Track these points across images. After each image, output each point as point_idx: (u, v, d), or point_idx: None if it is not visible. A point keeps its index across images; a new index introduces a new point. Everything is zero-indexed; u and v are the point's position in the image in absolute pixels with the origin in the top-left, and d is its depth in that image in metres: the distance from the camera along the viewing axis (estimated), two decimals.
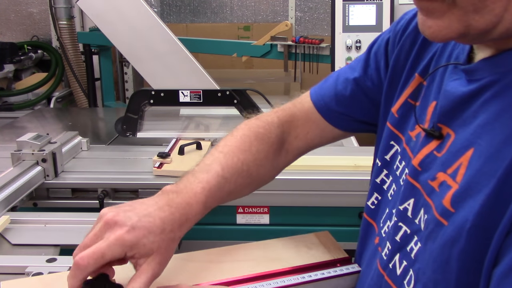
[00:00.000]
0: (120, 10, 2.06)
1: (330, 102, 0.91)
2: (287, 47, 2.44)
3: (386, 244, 0.74)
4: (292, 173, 1.57)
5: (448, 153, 0.63)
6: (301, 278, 0.82)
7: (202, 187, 0.76)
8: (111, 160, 1.74)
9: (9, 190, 1.32)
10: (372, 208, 0.83)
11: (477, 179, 0.57)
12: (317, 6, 4.08)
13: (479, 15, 0.54)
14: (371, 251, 0.81)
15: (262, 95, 1.80)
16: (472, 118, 0.61)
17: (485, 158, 0.57)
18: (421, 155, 0.69)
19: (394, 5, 2.14)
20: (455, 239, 0.58)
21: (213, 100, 1.81)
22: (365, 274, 0.81)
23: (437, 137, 0.66)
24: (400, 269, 0.69)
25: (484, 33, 0.56)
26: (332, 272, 0.84)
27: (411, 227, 0.69)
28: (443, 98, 0.67)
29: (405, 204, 0.70)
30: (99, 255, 0.65)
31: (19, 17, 3.75)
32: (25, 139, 1.48)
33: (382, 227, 0.78)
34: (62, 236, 1.20)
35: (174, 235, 0.71)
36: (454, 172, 0.61)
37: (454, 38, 0.58)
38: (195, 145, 1.73)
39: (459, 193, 0.59)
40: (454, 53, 0.70)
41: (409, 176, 0.70)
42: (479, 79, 0.62)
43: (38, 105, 3.15)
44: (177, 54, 2.09)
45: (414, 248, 0.67)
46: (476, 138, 0.59)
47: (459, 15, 0.55)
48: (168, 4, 4.17)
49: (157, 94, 1.81)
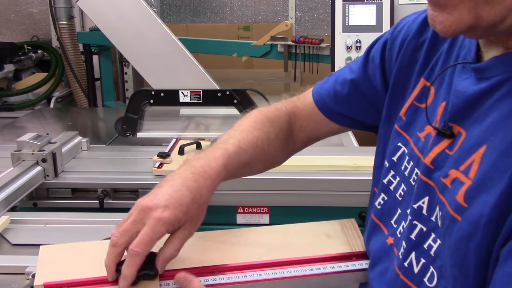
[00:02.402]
0: (120, 10, 2.06)
1: (329, 102, 0.94)
2: (287, 47, 2.44)
3: (402, 244, 0.74)
4: (292, 173, 1.57)
5: (461, 151, 0.64)
6: (309, 270, 0.81)
7: (221, 152, 0.82)
8: (111, 160, 1.74)
9: (9, 190, 1.32)
10: (379, 209, 0.84)
11: (491, 174, 0.58)
12: (317, 6, 4.08)
13: (489, 6, 0.55)
14: (381, 252, 0.81)
15: (262, 95, 1.80)
16: (484, 116, 0.62)
17: (498, 153, 0.58)
18: (433, 154, 0.70)
19: (394, 5, 2.14)
20: (471, 234, 0.58)
21: (213, 100, 1.81)
22: (380, 275, 0.80)
23: (448, 136, 0.67)
24: (418, 267, 0.70)
25: (493, 25, 0.57)
26: (343, 266, 0.82)
27: (427, 224, 0.69)
28: (454, 98, 0.68)
29: (420, 202, 0.71)
30: (148, 239, 0.71)
31: (19, 17, 3.75)
32: (25, 139, 1.48)
33: (396, 228, 0.78)
34: (62, 236, 1.20)
35: (204, 199, 0.77)
36: (467, 168, 0.62)
37: (464, 31, 0.59)
38: (195, 145, 1.73)
39: (472, 189, 0.60)
40: (461, 54, 0.71)
41: (422, 175, 0.71)
42: (489, 77, 0.62)
43: (38, 105, 3.15)
44: (177, 54, 2.09)
45: (433, 245, 0.68)
46: (489, 135, 0.60)
47: (470, 7, 0.56)
48: (168, 4, 4.17)
49: (157, 94, 1.81)
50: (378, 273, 0.80)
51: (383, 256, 0.80)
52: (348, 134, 2.06)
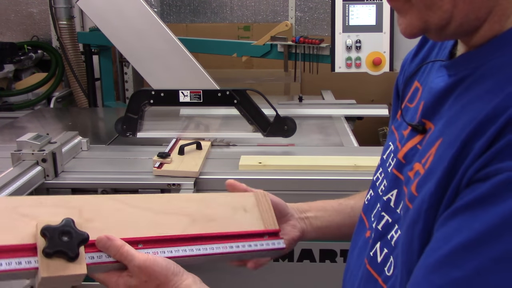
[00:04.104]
0: (120, 10, 2.06)
1: None
2: (287, 47, 2.43)
3: (372, 235, 0.77)
4: (292, 173, 1.57)
5: (425, 145, 0.67)
6: (229, 247, 0.87)
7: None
8: (111, 160, 1.74)
9: (9, 190, 1.32)
10: (366, 204, 0.87)
11: (436, 165, 0.61)
12: (317, 6, 4.08)
13: (432, 11, 0.60)
14: (361, 245, 0.83)
15: (262, 95, 1.80)
16: (447, 111, 0.65)
17: (446, 145, 0.61)
18: (406, 148, 0.73)
19: None
20: (416, 221, 0.61)
21: (213, 100, 1.81)
22: (356, 268, 0.82)
23: (420, 131, 0.70)
24: (381, 257, 0.72)
25: (442, 27, 0.61)
26: (258, 245, 0.91)
27: (393, 216, 0.72)
28: (427, 94, 0.71)
29: (389, 194, 0.74)
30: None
31: (19, 17, 3.74)
32: (25, 139, 1.48)
33: (373, 221, 0.80)
34: None
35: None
36: (425, 161, 0.64)
37: (419, 33, 0.64)
38: (195, 145, 1.73)
39: (422, 178, 0.63)
40: (440, 53, 0.75)
41: (394, 169, 0.75)
42: (456, 74, 0.66)
43: (38, 105, 3.14)
44: (177, 54, 2.09)
45: (394, 236, 0.70)
46: (445, 128, 0.63)
47: (416, 12, 0.62)
48: (168, 4, 4.16)
49: (157, 94, 1.81)
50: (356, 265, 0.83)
51: (362, 249, 0.82)
52: (348, 134, 2.06)
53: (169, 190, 1.47)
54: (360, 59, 2.17)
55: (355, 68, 2.19)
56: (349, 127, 2.20)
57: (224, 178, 1.61)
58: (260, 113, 1.81)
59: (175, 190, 1.47)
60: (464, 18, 0.60)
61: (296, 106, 2.42)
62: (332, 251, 1.61)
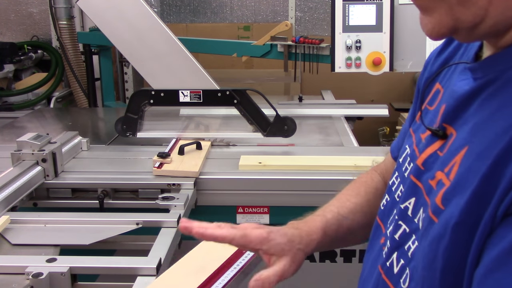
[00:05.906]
0: (120, 10, 2.06)
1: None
2: (287, 47, 2.43)
3: (387, 243, 0.75)
4: (292, 173, 1.57)
5: (448, 152, 0.64)
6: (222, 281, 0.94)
7: (320, 219, 0.90)
8: (111, 160, 1.74)
9: (9, 190, 1.32)
10: (382, 209, 0.84)
11: (466, 177, 0.57)
12: (317, 6, 4.08)
13: (465, 8, 0.56)
14: (376, 251, 0.82)
15: (262, 95, 1.80)
16: (471, 117, 0.62)
17: (475, 156, 0.57)
18: (425, 155, 0.69)
19: (394, 5, 2.14)
20: (441, 236, 0.58)
21: (213, 100, 1.81)
22: (369, 274, 0.81)
23: (441, 137, 0.67)
24: (397, 268, 0.70)
25: (474, 26, 0.57)
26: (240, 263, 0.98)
27: (410, 226, 0.69)
28: (449, 98, 0.68)
29: (406, 203, 0.71)
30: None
31: (19, 17, 3.75)
32: (25, 139, 1.48)
33: (388, 227, 0.79)
34: (62, 236, 1.20)
35: (301, 248, 0.83)
36: (449, 170, 0.61)
37: (448, 33, 0.59)
38: (195, 145, 1.73)
39: (449, 191, 0.60)
40: (464, 55, 0.72)
41: (412, 176, 0.71)
42: (481, 77, 0.62)
43: (38, 105, 3.14)
44: (177, 54, 2.09)
45: (411, 247, 0.68)
46: (471, 136, 0.60)
47: (446, 9, 0.57)
48: (168, 4, 4.17)
49: (157, 94, 1.81)
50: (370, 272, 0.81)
51: (376, 256, 0.81)
52: (348, 134, 2.06)
53: (169, 190, 1.46)
54: (360, 59, 2.17)
55: (355, 68, 2.19)
56: (349, 127, 2.20)
57: (224, 178, 1.63)
58: (260, 113, 1.81)
59: (175, 190, 1.47)
60: (500, 16, 0.55)
61: (296, 106, 2.42)
62: (332, 251, 1.61)
